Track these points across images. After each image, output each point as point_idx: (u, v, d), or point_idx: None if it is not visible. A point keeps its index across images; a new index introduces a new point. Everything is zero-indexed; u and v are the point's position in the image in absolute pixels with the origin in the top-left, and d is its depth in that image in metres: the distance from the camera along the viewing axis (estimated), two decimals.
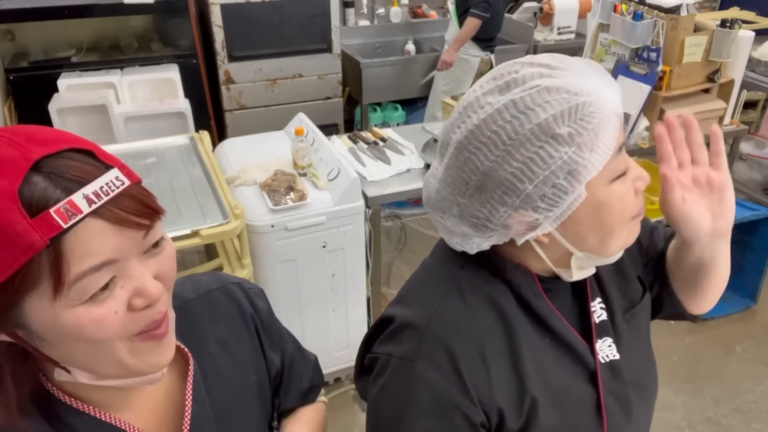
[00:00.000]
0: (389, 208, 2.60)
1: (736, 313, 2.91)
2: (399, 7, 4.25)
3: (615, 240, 0.75)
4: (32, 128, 0.54)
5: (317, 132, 2.26)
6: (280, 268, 2.06)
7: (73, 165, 0.52)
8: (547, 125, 0.66)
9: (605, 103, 0.67)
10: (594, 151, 0.67)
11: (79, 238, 0.50)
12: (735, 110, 2.80)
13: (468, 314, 0.78)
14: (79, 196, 0.50)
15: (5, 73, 3.00)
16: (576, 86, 0.67)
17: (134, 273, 0.55)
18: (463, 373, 0.74)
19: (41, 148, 0.51)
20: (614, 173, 0.71)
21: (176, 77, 2.97)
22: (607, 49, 2.68)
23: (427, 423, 0.74)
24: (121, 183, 0.54)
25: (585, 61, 0.72)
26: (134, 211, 0.54)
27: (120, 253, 0.53)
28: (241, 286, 0.82)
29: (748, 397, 2.46)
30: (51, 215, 0.49)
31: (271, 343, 0.83)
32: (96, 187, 0.51)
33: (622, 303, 0.89)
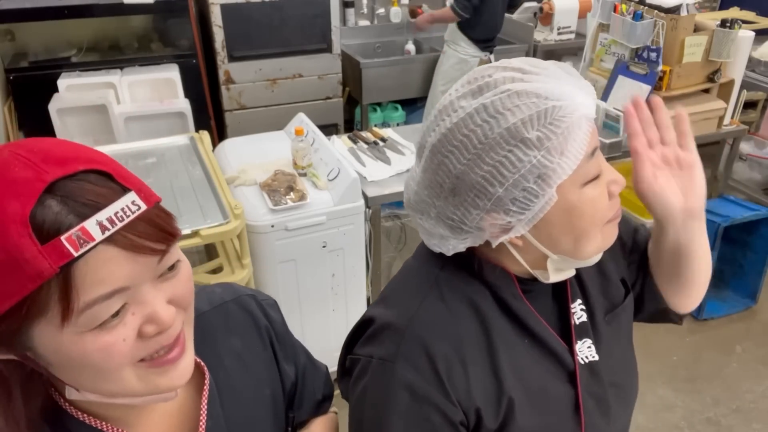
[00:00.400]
0: (389, 208, 2.61)
1: (736, 313, 2.90)
2: (399, 7, 4.25)
3: (589, 243, 0.75)
4: (49, 144, 0.52)
5: (317, 132, 2.26)
6: (280, 268, 2.06)
7: (88, 188, 0.50)
8: (515, 129, 0.67)
9: (576, 107, 0.67)
10: (564, 155, 0.67)
11: (91, 266, 0.49)
12: (735, 110, 2.80)
13: (447, 315, 0.79)
14: (93, 222, 0.48)
15: (5, 73, 3.00)
16: (546, 90, 0.67)
17: (146, 299, 0.54)
18: (441, 374, 0.75)
19: (57, 169, 0.49)
20: (586, 177, 0.71)
21: (176, 77, 2.97)
22: (607, 49, 2.69)
23: (406, 423, 0.75)
24: (138, 208, 0.52)
25: (560, 65, 0.72)
26: (149, 236, 0.52)
27: (132, 280, 0.52)
28: (255, 298, 0.81)
29: (748, 397, 2.46)
30: (62, 243, 0.47)
31: (286, 355, 0.82)
32: (111, 213, 0.50)
33: (603, 304, 0.89)
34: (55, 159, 0.50)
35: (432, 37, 4.22)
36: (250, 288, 0.84)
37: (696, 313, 2.81)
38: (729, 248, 2.84)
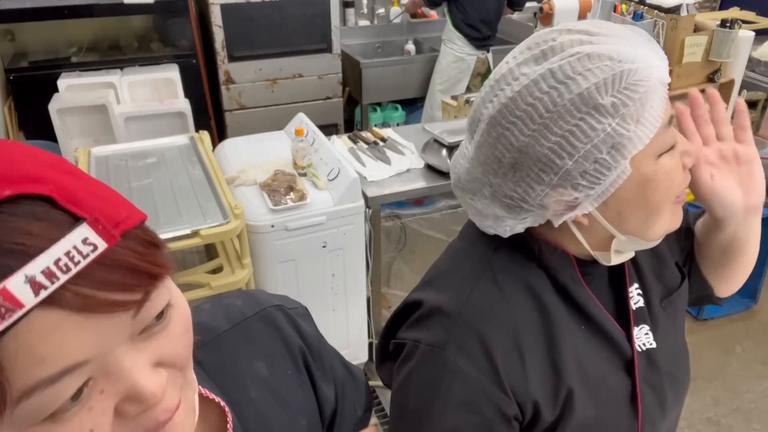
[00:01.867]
0: (389, 208, 2.60)
1: (736, 313, 2.90)
2: (399, 7, 4.25)
3: (660, 221, 0.70)
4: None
5: (317, 132, 2.26)
6: (280, 268, 2.06)
7: (14, 225, 0.34)
8: (588, 95, 0.61)
9: (652, 70, 0.62)
10: (640, 123, 0.62)
11: (24, 341, 0.33)
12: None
13: (502, 301, 0.74)
14: (19, 279, 0.33)
15: (5, 73, 3.00)
16: (620, 53, 0.61)
17: (120, 368, 0.38)
18: (497, 364, 0.70)
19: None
20: (662, 147, 0.66)
21: (176, 77, 2.97)
22: None
23: (457, 415, 0.70)
24: (92, 248, 0.35)
25: (628, 27, 0.66)
26: (115, 285, 0.36)
27: (93, 350, 0.36)
28: (282, 310, 0.68)
29: (748, 397, 2.46)
30: None
31: (323, 373, 0.69)
32: (49, 262, 0.34)
33: (659, 289, 0.85)
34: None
35: (432, 37, 4.22)
36: (276, 295, 0.71)
37: (696, 313, 2.81)
38: None
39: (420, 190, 2.24)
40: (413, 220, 2.64)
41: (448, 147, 2.20)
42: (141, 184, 2.01)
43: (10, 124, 3.04)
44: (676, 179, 0.68)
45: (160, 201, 1.91)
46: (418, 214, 2.82)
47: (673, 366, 0.84)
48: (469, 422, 0.70)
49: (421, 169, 2.32)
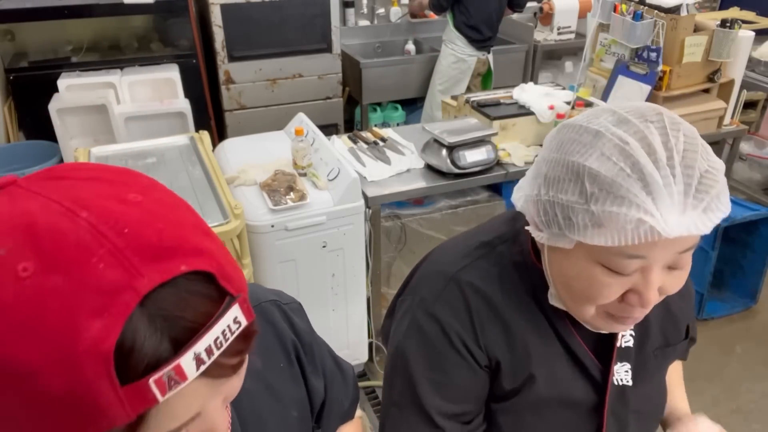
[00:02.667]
0: (389, 208, 2.60)
1: (736, 313, 2.90)
2: (399, 7, 4.25)
3: (583, 314, 0.75)
4: (138, 210, 0.37)
5: (317, 132, 2.26)
6: (280, 268, 2.06)
7: (190, 302, 0.37)
8: (586, 171, 0.65)
9: (648, 211, 0.62)
10: (601, 228, 0.64)
11: (170, 403, 0.37)
12: (735, 110, 2.80)
13: (498, 281, 0.82)
14: (190, 357, 0.36)
15: (5, 73, 3.00)
16: (645, 178, 0.63)
17: (209, 416, 0.42)
18: (474, 322, 0.81)
19: (154, 269, 0.35)
20: (606, 262, 0.68)
21: (176, 77, 2.97)
22: (607, 49, 2.69)
23: (427, 350, 0.82)
24: (238, 326, 0.40)
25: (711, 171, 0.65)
26: (235, 353, 0.40)
27: (205, 405, 0.41)
28: (277, 305, 0.71)
29: (748, 397, 2.46)
30: (149, 386, 0.34)
31: (314, 367, 0.73)
32: (210, 340, 0.37)
33: (658, 339, 0.89)
34: (152, 248, 0.36)
35: (432, 37, 4.23)
36: (271, 290, 0.74)
37: (696, 312, 2.81)
38: (729, 248, 2.84)
39: (420, 190, 2.24)
40: (413, 220, 2.64)
41: (448, 147, 2.20)
42: None
43: (10, 124, 3.04)
44: (599, 294, 0.70)
45: None
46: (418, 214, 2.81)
47: (643, 405, 0.89)
48: (440, 358, 0.81)
49: (421, 169, 2.32)
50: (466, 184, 2.30)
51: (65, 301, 0.33)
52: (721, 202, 0.64)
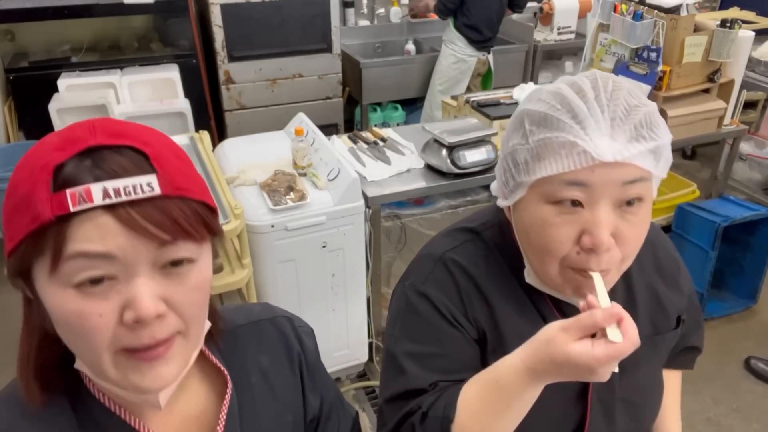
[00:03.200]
0: (389, 208, 2.60)
1: (736, 313, 2.90)
2: (399, 7, 4.25)
3: (547, 271, 0.77)
4: (120, 123, 0.56)
5: (317, 132, 2.26)
6: (279, 268, 2.06)
7: (117, 159, 0.53)
8: (526, 114, 0.76)
9: (578, 136, 0.70)
10: (539, 160, 0.73)
11: (85, 226, 0.51)
12: (735, 110, 2.80)
13: (484, 263, 0.87)
14: (99, 187, 0.51)
15: (5, 73, 3.00)
16: (572, 107, 0.71)
17: (136, 281, 0.53)
18: (463, 297, 0.85)
19: (105, 138, 0.53)
20: (550, 196, 0.73)
21: (176, 77, 2.97)
22: (607, 49, 2.69)
23: (418, 322, 0.86)
24: (150, 189, 0.52)
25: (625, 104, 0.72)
26: (154, 220, 0.52)
27: (122, 252, 0.52)
28: (291, 322, 0.80)
29: (748, 397, 2.46)
30: (66, 195, 0.50)
31: (313, 385, 0.79)
32: (120, 185, 0.51)
33: (646, 327, 0.90)
34: (112, 131, 0.54)
35: (432, 37, 4.23)
36: (289, 312, 0.83)
37: None
38: (729, 248, 2.84)
39: (420, 190, 2.24)
40: (413, 220, 2.64)
41: (448, 147, 2.20)
42: None
43: (10, 124, 3.04)
44: (552, 237, 0.74)
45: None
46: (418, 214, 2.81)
47: (632, 394, 0.89)
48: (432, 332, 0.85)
49: (421, 169, 2.32)
50: (466, 184, 2.30)
51: (46, 147, 0.54)
52: (652, 132, 0.71)
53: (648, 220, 0.76)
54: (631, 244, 0.75)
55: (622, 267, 0.78)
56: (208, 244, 0.59)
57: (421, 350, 0.84)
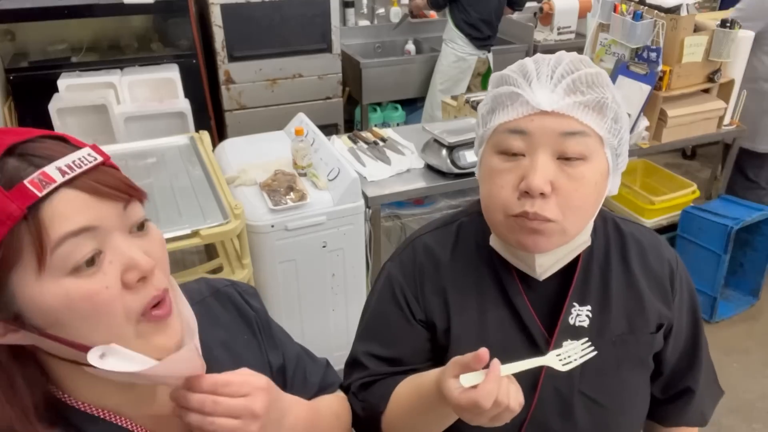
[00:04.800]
0: (389, 208, 2.60)
1: (738, 312, 2.90)
2: (399, 7, 4.25)
3: (495, 223, 0.84)
4: (15, 128, 0.57)
5: (317, 132, 2.26)
6: (280, 268, 2.06)
7: (44, 146, 0.54)
8: (492, 78, 0.87)
9: (520, 88, 0.79)
10: (492, 113, 0.82)
11: (56, 206, 0.52)
12: (735, 110, 2.80)
13: (452, 247, 0.93)
14: (52, 167, 0.52)
15: (5, 73, 3.00)
16: (520, 76, 0.81)
17: (120, 246, 0.56)
18: (416, 277, 0.93)
19: (14, 137, 0.54)
20: (497, 145, 0.81)
21: (176, 77, 2.97)
22: (607, 49, 2.69)
23: (378, 298, 0.96)
24: (94, 159, 0.56)
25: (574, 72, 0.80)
26: (110, 184, 0.55)
27: (99, 221, 0.54)
28: (235, 287, 0.83)
29: (748, 397, 2.46)
30: (26, 186, 0.50)
31: (272, 341, 0.84)
32: (69, 161, 0.54)
33: (620, 324, 0.89)
34: (15, 133, 0.55)
35: (432, 37, 4.23)
36: (226, 278, 0.85)
37: (709, 317, 2.81)
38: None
39: (420, 190, 2.24)
40: (413, 220, 2.64)
41: (448, 147, 2.20)
42: (141, 184, 1.98)
43: (10, 124, 3.04)
44: (497, 183, 0.80)
45: (160, 201, 1.91)
46: (418, 214, 2.81)
47: (597, 393, 0.88)
48: (387, 304, 0.94)
49: (421, 169, 2.32)
50: (466, 184, 2.30)
51: None
52: (591, 88, 0.78)
53: (592, 181, 0.79)
54: (569, 197, 0.77)
55: (566, 227, 0.79)
56: None
57: (366, 323, 0.99)
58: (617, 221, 0.96)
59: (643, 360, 0.93)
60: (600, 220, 0.93)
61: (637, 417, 0.95)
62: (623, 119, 0.82)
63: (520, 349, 0.87)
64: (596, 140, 0.79)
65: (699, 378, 1.00)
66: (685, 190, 2.88)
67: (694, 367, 1.00)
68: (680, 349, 0.97)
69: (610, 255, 0.91)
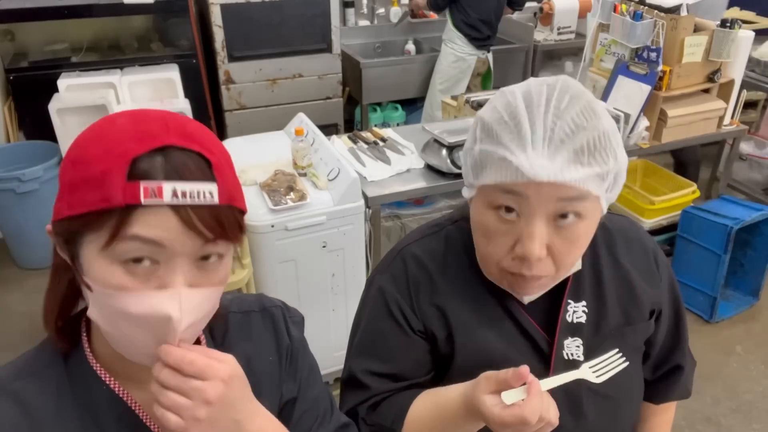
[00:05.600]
0: (389, 208, 2.60)
1: (737, 313, 2.90)
2: (399, 7, 4.25)
3: (488, 269, 0.83)
4: (190, 123, 0.62)
5: (317, 132, 2.26)
6: (280, 268, 2.06)
7: (187, 163, 0.58)
8: (480, 123, 0.78)
9: (507, 154, 0.72)
10: (481, 169, 0.77)
11: (148, 215, 0.57)
12: (735, 110, 2.80)
13: (442, 257, 0.91)
14: (170, 187, 0.57)
15: (5, 73, 3.01)
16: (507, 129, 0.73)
17: (174, 269, 0.59)
18: (411, 289, 0.90)
19: (178, 139, 0.59)
20: (491, 202, 0.77)
21: (176, 77, 2.97)
22: (607, 49, 2.69)
23: (371, 314, 0.92)
24: (211, 198, 0.59)
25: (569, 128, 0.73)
26: (207, 224, 0.59)
27: (171, 244, 0.58)
28: (283, 312, 0.85)
29: (748, 397, 2.46)
30: (139, 188, 0.56)
31: (293, 370, 0.82)
32: (188, 189, 0.57)
33: (617, 317, 0.90)
34: (184, 132, 0.60)
35: (432, 37, 4.23)
36: (282, 302, 0.86)
37: (709, 316, 2.81)
38: None
39: (420, 190, 2.24)
40: (413, 220, 2.64)
41: (448, 147, 2.20)
42: None
43: (10, 124, 3.04)
44: (492, 238, 0.78)
45: None
46: (418, 214, 2.81)
47: (600, 385, 0.88)
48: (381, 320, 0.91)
49: (421, 169, 2.32)
50: None
51: (122, 135, 0.58)
52: (594, 157, 0.71)
53: (586, 236, 0.78)
54: (564, 258, 0.77)
55: (558, 275, 0.81)
56: (234, 246, 0.66)
57: (360, 340, 0.94)
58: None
59: (639, 347, 0.95)
60: None
61: (638, 403, 0.98)
62: (621, 160, 0.76)
63: (524, 354, 0.87)
64: (594, 199, 0.75)
65: (685, 353, 1.03)
66: (685, 190, 2.88)
67: (679, 343, 1.02)
68: (666, 328, 0.99)
69: (597, 249, 0.92)
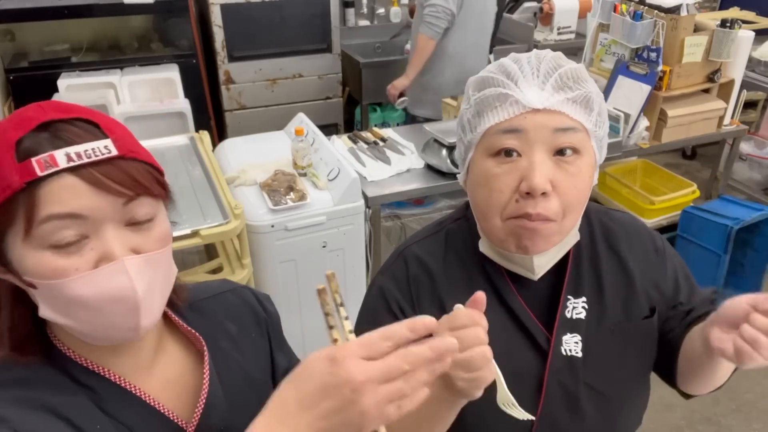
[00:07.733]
0: (389, 208, 2.61)
1: None
2: (399, 7, 4.25)
3: (491, 228, 0.82)
4: (66, 102, 0.62)
5: (317, 132, 2.26)
6: (280, 268, 2.06)
7: (72, 129, 0.58)
8: (469, 84, 0.85)
9: (509, 89, 0.78)
10: (479, 117, 0.81)
11: (53, 188, 0.56)
12: (735, 110, 2.80)
13: (443, 256, 0.92)
14: (62, 152, 0.56)
15: (5, 73, 3.00)
16: (506, 72, 0.80)
17: (106, 237, 0.58)
18: (412, 289, 0.90)
19: (57, 113, 0.59)
20: (491, 148, 0.80)
21: (176, 77, 2.97)
22: (607, 49, 2.69)
23: (371, 312, 0.92)
24: (108, 152, 0.58)
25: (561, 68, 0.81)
26: (116, 179, 0.58)
27: (91, 212, 0.57)
28: (251, 290, 0.86)
29: (748, 397, 2.46)
30: (32, 163, 0.55)
31: (280, 345, 0.85)
32: (81, 149, 0.57)
33: (617, 314, 0.90)
34: (60, 108, 0.60)
35: None
36: (245, 285, 0.88)
37: None
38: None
39: (420, 190, 2.24)
40: (413, 220, 2.64)
41: (448, 147, 2.20)
42: None
43: None
44: (497, 187, 0.79)
45: None
46: (418, 214, 2.81)
47: (600, 382, 0.88)
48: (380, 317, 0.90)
49: (421, 169, 2.32)
50: None
51: (3, 128, 0.58)
52: (577, 83, 0.79)
53: (587, 175, 0.81)
54: (569, 194, 0.78)
55: (564, 226, 0.80)
56: (162, 205, 0.65)
57: None
58: (599, 210, 0.97)
59: (645, 347, 0.93)
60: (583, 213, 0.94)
61: (642, 405, 0.96)
62: (605, 112, 0.83)
63: (523, 349, 0.87)
64: (585, 134, 0.80)
65: (706, 301, 0.95)
66: (685, 190, 2.88)
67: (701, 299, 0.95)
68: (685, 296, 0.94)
69: (596, 245, 0.92)
